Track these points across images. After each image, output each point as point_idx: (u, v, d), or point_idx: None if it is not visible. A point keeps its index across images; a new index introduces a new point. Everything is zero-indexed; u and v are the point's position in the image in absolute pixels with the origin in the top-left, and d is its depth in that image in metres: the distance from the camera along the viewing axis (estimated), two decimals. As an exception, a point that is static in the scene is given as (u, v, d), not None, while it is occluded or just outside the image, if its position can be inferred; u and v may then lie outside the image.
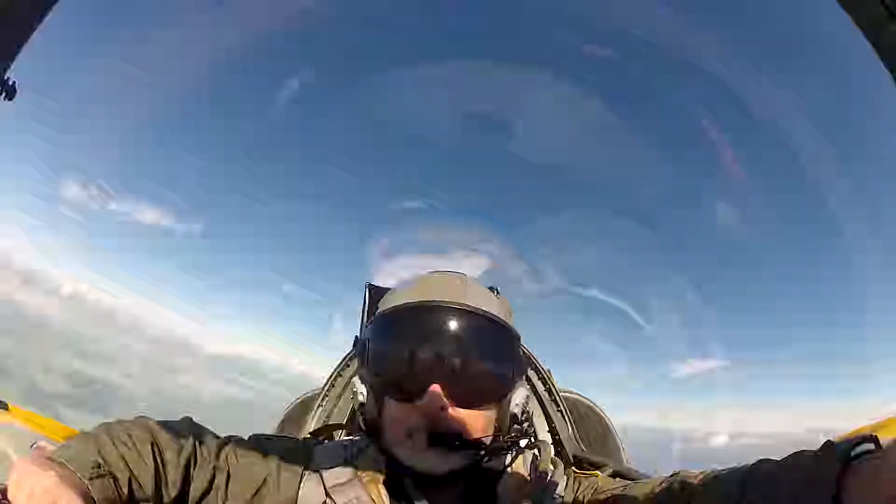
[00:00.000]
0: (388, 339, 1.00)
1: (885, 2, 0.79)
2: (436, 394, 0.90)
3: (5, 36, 0.95)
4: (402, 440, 0.93)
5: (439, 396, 0.90)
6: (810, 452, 0.72)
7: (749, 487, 0.76)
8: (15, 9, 0.95)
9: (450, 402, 0.91)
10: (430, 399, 0.90)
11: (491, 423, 0.96)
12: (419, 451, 0.91)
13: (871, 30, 0.83)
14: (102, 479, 0.82)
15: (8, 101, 1.03)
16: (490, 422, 0.96)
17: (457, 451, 0.91)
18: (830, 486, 0.64)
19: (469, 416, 0.93)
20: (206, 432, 1.01)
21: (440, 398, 0.90)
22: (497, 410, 0.98)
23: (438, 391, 0.90)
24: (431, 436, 0.90)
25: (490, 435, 0.96)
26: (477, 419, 0.94)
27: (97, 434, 0.89)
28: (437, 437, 0.90)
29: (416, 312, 0.98)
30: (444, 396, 0.90)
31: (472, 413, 0.94)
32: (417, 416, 0.91)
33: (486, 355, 0.98)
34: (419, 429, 0.91)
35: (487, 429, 0.95)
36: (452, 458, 0.91)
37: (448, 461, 0.91)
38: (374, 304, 1.17)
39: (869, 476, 0.62)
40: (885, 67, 0.83)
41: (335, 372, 2.71)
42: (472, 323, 0.96)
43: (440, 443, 0.90)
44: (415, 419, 0.91)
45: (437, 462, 0.91)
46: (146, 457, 0.88)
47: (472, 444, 0.92)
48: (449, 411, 0.91)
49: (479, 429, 0.94)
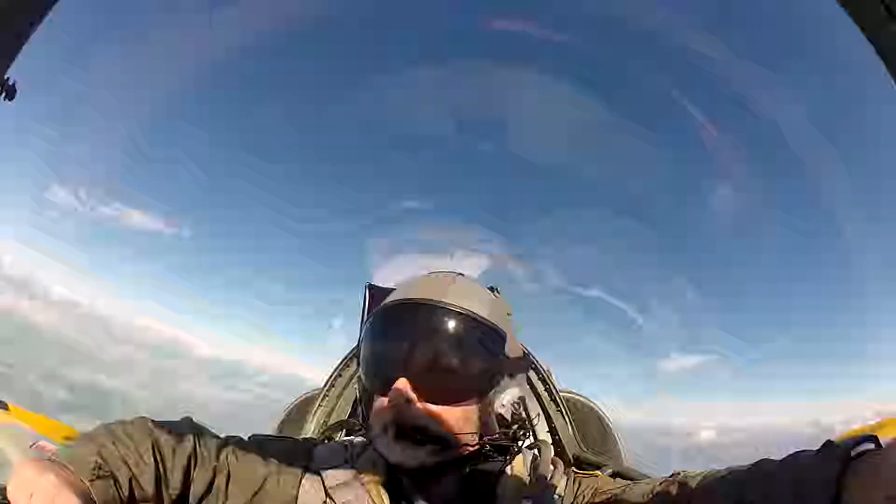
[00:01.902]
0: (369, 338, 1.06)
1: (885, 2, 0.79)
2: (400, 387, 0.93)
3: (5, 36, 0.95)
4: (378, 434, 0.96)
5: (404, 390, 0.92)
6: (810, 452, 0.72)
7: (749, 487, 0.76)
8: (15, 9, 0.95)
9: (419, 396, 0.93)
10: (395, 392, 0.93)
11: (470, 420, 0.96)
12: (389, 444, 0.93)
13: (871, 30, 0.83)
14: (103, 480, 0.82)
15: (8, 101, 1.03)
16: (469, 419, 0.96)
17: (423, 446, 0.92)
18: (831, 486, 0.64)
19: (442, 411, 0.94)
20: (206, 433, 1.01)
21: (405, 391, 0.92)
22: (478, 408, 0.98)
23: (403, 385, 0.93)
24: (398, 429, 0.92)
25: (469, 433, 0.95)
26: (450, 415, 0.94)
27: (97, 435, 0.89)
28: (402, 431, 0.92)
29: (392, 311, 1.04)
30: (409, 390, 0.92)
31: (447, 409, 0.94)
32: (388, 410, 0.94)
33: (456, 350, 0.98)
34: (388, 421, 0.93)
35: (465, 426, 0.95)
36: (419, 452, 0.92)
37: (415, 455, 0.92)
38: (374, 304, 1.18)
39: (869, 475, 0.62)
40: (885, 67, 0.83)
41: (335, 372, 2.71)
42: (443, 318, 0.98)
43: (404, 436, 0.92)
44: (387, 413, 0.94)
45: (405, 455, 0.92)
46: (146, 457, 0.88)
47: (436, 440, 0.93)
48: (417, 406, 0.93)
49: (453, 425, 0.94)
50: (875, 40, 0.83)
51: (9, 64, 0.98)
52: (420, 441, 0.92)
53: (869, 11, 0.82)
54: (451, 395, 0.96)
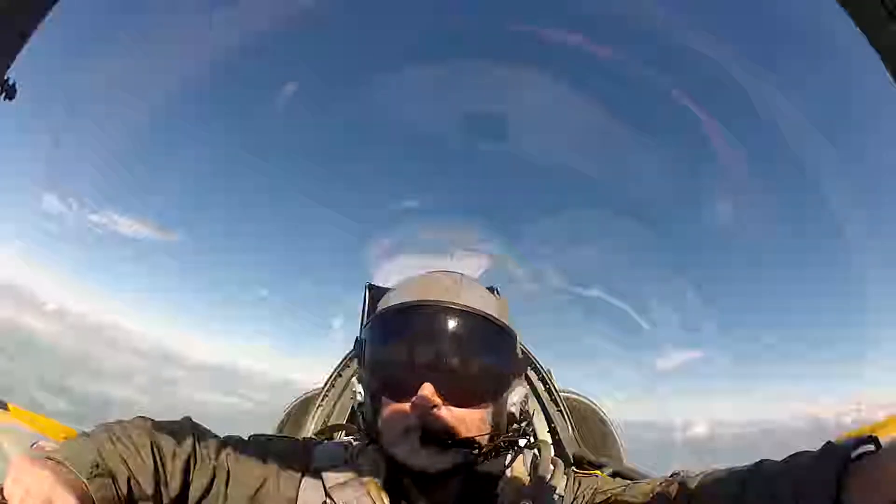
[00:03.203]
0: (383, 340, 1.02)
1: (885, 2, 0.79)
2: (428, 392, 0.90)
3: (5, 36, 0.95)
4: (397, 439, 0.93)
5: (431, 395, 0.90)
6: (811, 453, 0.72)
7: (749, 487, 0.76)
8: (15, 9, 0.95)
9: (442, 400, 0.91)
10: (422, 397, 0.90)
11: (486, 421, 0.96)
12: (413, 450, 0.91)
13: (871, 30, 0.83)
14: (101, 479, 0.81)
15: (8, 101, 1.03)
16: (485, 421, 0.96)
17: (449, 450, 0.91)
18: (831, 487, 0.64)
19: (463, 414, 0.93)
20: (205, 432, 1.01)
21: (432, 396, 0.90)
22: (493, 409, 0.98)
23: (430, 389, 0.91)
24: (424, 434, 0.90)
25: (486, 434, 0.96)
26: (472, 418, 0.94)
27: (96, 434, 0.89)
28: (429, 436, 0.90)
29: (410, 312, 0.99)
30: (436, 395, 0.91)
31: (467, 412, 0.94)
32: (411, 415, 0.92)
33: (480, 354, 0.98)
34: (412, 427, 0.91)
35: (483, 428, 0.95)
36: (445, 457, 0.91)
37: (441, 459, 0.91)
38: (374, 304, 1.17)
39: (869, 476, 0.62)
40: (885, 67, 0.83)
41: (335, 372, 2.72)
42: (466, 322, 0.97)
43: (432, 441, 0.90)
44: (408, 418, 0.92)
45: (431, 460, 0.91)
46: (146, 457, 0.88)
47: (464, 443, 0.92)
48: (442, 410, 0.91)
49: (473, 427, 0.94)
50: (875, 40, 0.83)
51: (9, 64, 0.98)
52: (448, 445, 0.91)
53: (869, 11, 0.82)
54: (475, 398, 0.96)
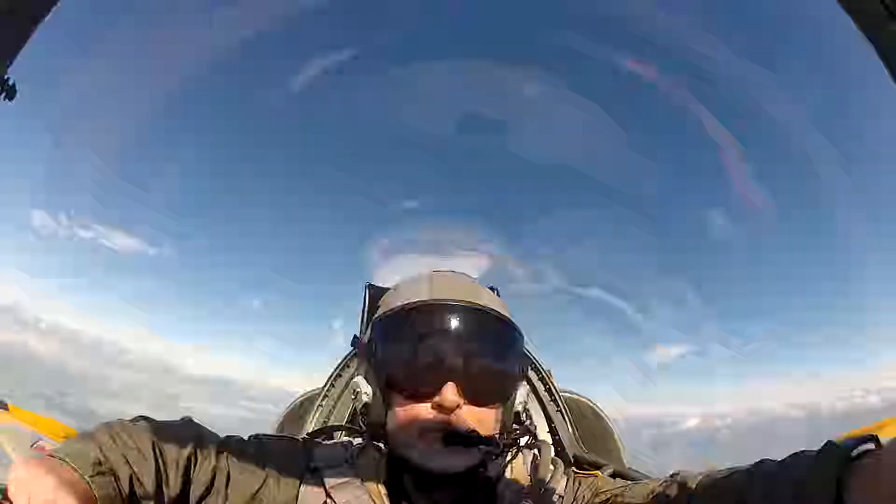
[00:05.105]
0: (401, 338, 0.99)
1: (885, 2, 0.79)
2: (450, 394, 0.90)
3: (5, 36, 0.95)
4: (414, 440, 0.92)
5: (454, 396, 0.90)
6: (811, 452, 0.72)
7: (749, 487, 0.76)
8: (15, 9, 0.95)
9: (463, 399, 0.92)
10: (446, 397, 0.90)
11: (498, 420, 0.98)
12: (434, 450, 0.90)
13: (871, 30, 0.83)
14: (103, 477, 0.81)
15: (8, 101, 1.03)
16: (498, 419, 0.98)
17: (471, 449, 0.91)
18: (831, 487, 0.64)
19: (481, 414, 0.94)
20: (206, 432, 1.01)
21: (456, 398, 0.90)
22: (503, 408, 1.00)
23: (453, 390, 0.90)
24: (447, 434, 0.90)
25: (498, 432, 0.97)
26: (488, 417, 0.95)
27: (98, 433, 0.89)
28: (454, 436, 0.90)
29: (430, 311, 0.98)
30: (459, 396, 0.91)
31: (486, 411, 0.95)
32: (432, 415, 0.91)
33: (498, 354, 1.00)
34: (433, 427, 0.91)
35: (496, 426, 0.97)
36: (466, 457, 0.92)
37: (463, 459, 0.91)
38: (374, 304, 1.17)
39: (870, 476, 0.62)
40: (885, 67, 0.83)
41: (335, 372, 2.72)
42: (486, 322, 0.98)
43: (457, 441, 0.90)
44: (427, 418, 0.91)
45: (453, 460, 0.91)
46: (147, 456, 0.88)
47: (487, 441, 0.93)
48: (464, 409, 0.92)
49: (490, 427, 0.95)
50: (875, 40, 0.83)
51: (9, 64, 0.98)
52: (469, 445, 0.91)
53: (869, 11, 0.82)
54: (494, 398, 0.97)
